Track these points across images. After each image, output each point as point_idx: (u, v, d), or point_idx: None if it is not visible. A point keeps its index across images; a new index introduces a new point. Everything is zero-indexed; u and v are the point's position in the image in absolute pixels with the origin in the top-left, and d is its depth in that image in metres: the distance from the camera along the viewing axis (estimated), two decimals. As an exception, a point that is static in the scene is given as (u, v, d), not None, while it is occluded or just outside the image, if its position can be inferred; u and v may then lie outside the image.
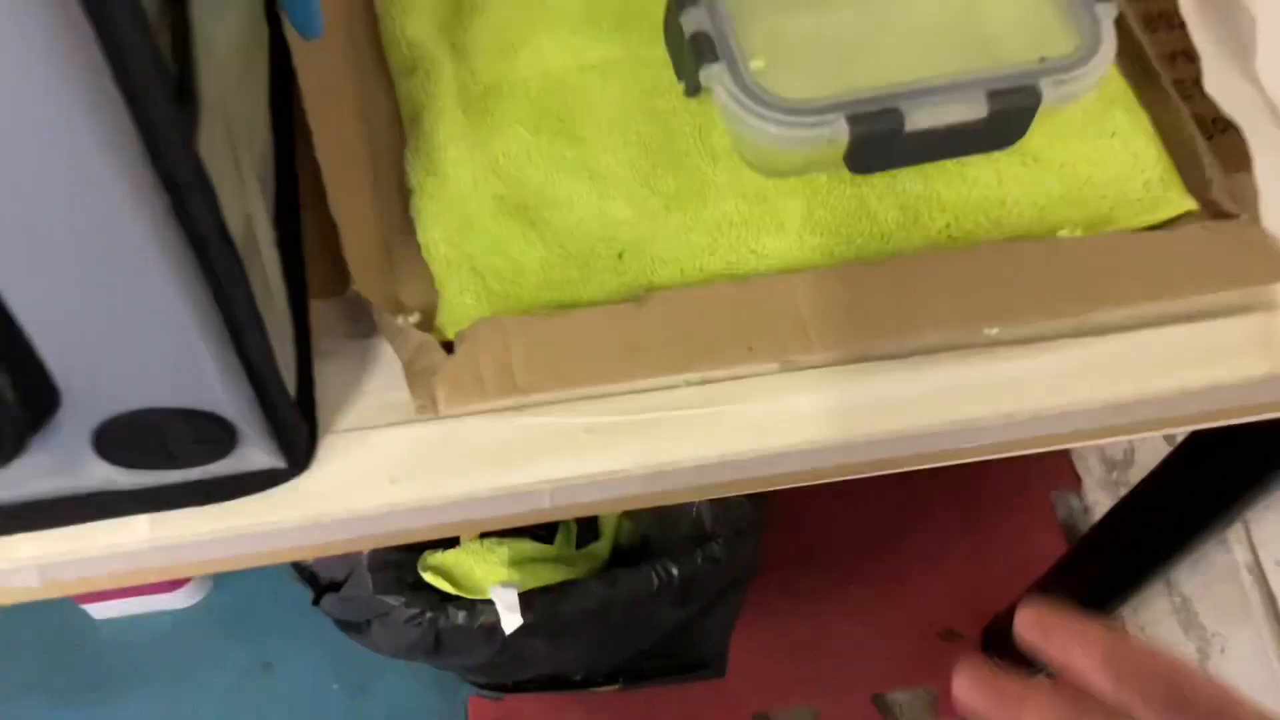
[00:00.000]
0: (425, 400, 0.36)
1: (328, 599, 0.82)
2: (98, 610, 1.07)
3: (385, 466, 0.37)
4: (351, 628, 0.85)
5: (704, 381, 0.38)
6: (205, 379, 0.31)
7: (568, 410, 0.37)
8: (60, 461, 0.32)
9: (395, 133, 0.42)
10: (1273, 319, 0.40)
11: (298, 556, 0.37)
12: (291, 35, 0.39)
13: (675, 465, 0.37)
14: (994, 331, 0.38)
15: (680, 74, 0.41)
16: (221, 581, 1.12)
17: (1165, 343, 0.39)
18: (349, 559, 0.80)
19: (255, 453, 0.35)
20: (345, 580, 0.80)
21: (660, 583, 0.79)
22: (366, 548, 0.37)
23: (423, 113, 0.42)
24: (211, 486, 0.35)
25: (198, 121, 0.28)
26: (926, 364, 0.38)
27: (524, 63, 0.43)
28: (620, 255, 0.40)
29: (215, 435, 0.33)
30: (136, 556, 0.36)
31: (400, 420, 0.37)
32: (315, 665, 1.12)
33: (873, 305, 0.38)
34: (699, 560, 0.80)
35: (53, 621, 1.09)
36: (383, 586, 0.77)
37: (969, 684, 0.30)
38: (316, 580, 0.85)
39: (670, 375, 0.37)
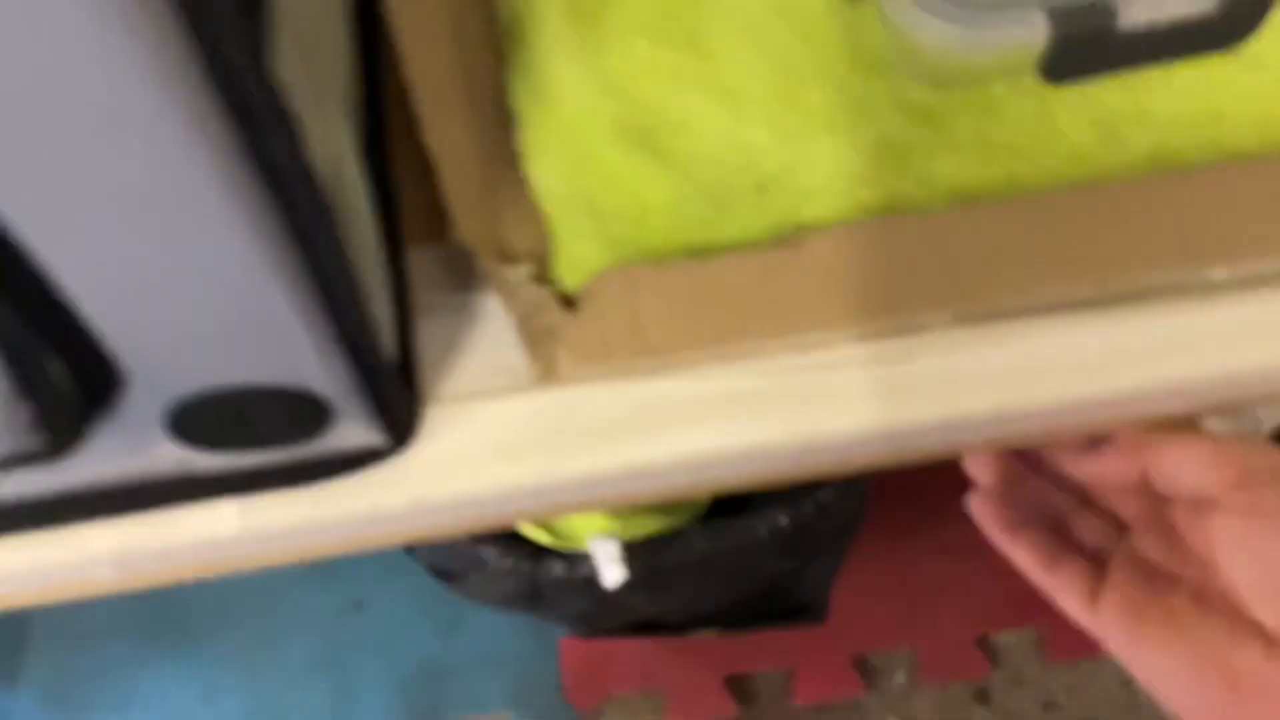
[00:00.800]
0: (545, 365, 0.31)
1: (421, 548, 0.79)
2: (187, 553, 1.06)
3: (498, 440, 0.32)
4: (446, 576, 0.82)
5: (869, 336, 0.32)
6: (291, 349, 0.26)
7: (708, 374, 0.32)
8: (129, 444, 0.28)
9: (493, 50, 0.36)
10: None
11: (401, 541, 0.33)
12: (374, -64, 0.33)
13: (833, 438, 0.32)
14: (1220, 273, 0.32)
15: (834, -30, 0.34)
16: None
17: None
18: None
19: (352, 429, 0.30)
20: (438, 529, 0.77)
21: (769, 532, 0.74)
22: (477, 530, 0.33)
23: (524, 24, 0.36)
24: (303, 468, 0.31)
25: (271, 36, 0.23)
26: (1136, 311, 0.32)
27: (647, -38, 0.37)
28: (761, 188, 0.34)
29: (306, 413, 0.28)
30: (223, 546, 0.32)
31: (514, 386, 0.32)
32: (406, 605, 1.11)
33: (1068, 241, 0.32)
34: (809, 508, 0.75)
35: (142, 564, 1.08)
36: (479, 536, 0.74)
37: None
38: (407, 526, 0.82)
39: (829, 331, 0.32)
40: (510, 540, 0.76)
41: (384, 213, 0.33)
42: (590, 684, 1.10)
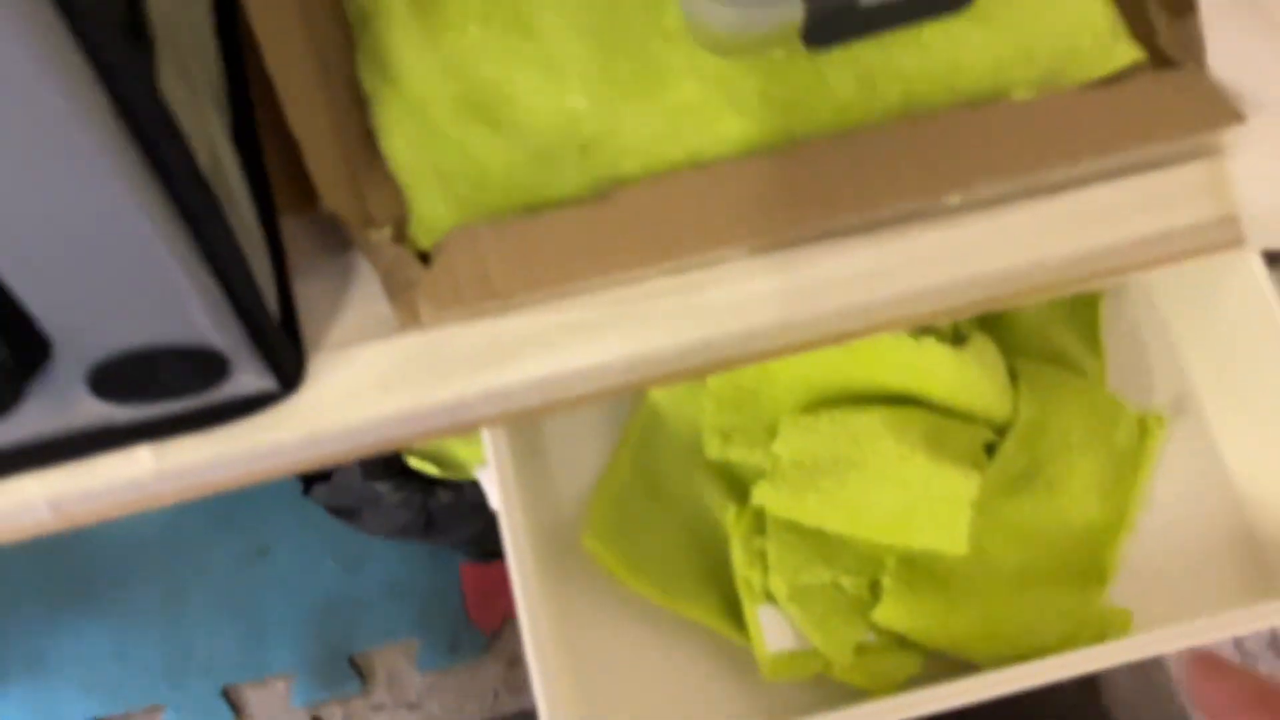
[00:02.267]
0: (407, 313, 0.37)
1: (318, 489, 0.84)
2: (88, 515, 1.09)
3: (375, 378, 0.38)
4: (343, 514, 0.87)
5: (676, 271, 0.39)
6: (191, 314, 0.31)
7: (546, 310, 0.38)
8: (56, 403, 0.33)
9: (344, 39, 0.41)
10: (1219, 164, 0.41)
11: (299, 470, 0.38)
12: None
13: (655, 353, 0.39)
14: (955, 199, 0.39)
15: (629, -41, 0.40)
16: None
17: (1118, 194, 0.41)
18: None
19: (247, 378, 0.35)
20: (334, 470, 0.82)
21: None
22: (364, 456, 0.38)
23: (370, 15, 0.41)
24: (208, 413, 0.36)
25: (155, 57, 0.28)
26: (890, 235, 0.39)
27: (467, -47, 0.42)
28: (583, 149, 0.40)
29: (206, 366, 0.34)
30: (143, 485, 0.37)
31: (385, 332, 0.38)
32: (310, 546, 1.15)
33: (834, 181, 0.39)
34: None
35: (44, 529, 1.10)
36: (372, 473, 0.79)
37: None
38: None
39: (643, 268, 0.38)
40: (402, 475, 0.81)
41: (257, 189, 0.38)
42: (491, 605, 1.16)
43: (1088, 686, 0.96)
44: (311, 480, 0.87)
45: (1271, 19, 0.42)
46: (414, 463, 0.82)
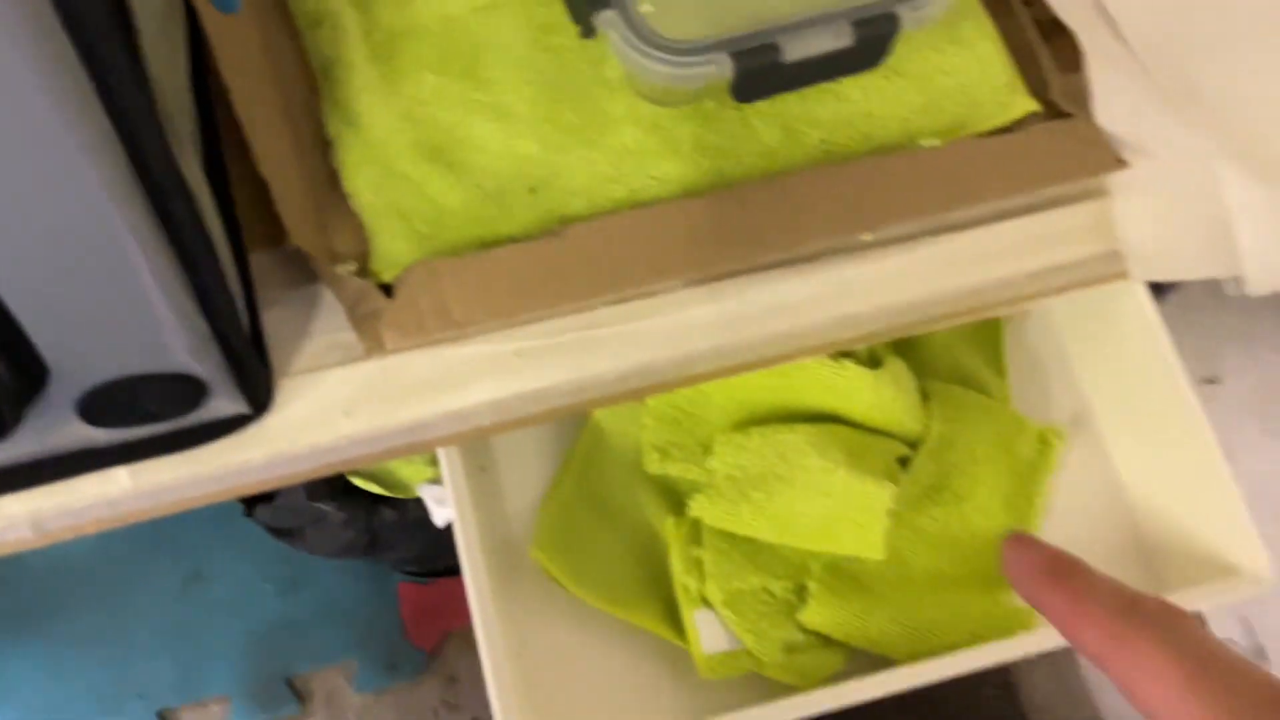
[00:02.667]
0: (372, 341, 0.40)
1: (261, 510, 0.86)
2: (22, 541, 1.08)
3: (339, 402, 0.41)
4: (285, 534, 0.89)
5: (619, 301, 0.42)
6: (180, 344, 0.34)
7: (500, 338, 0.41)
8: (46, 427, 0.36)
9: (309, 86, 0.44)
10: (1105, 205, 0.46)
11: (267, 488, 0.41)
12: (204, 7, 0.41)
13: (599, 377, 0.42)
14: (868, 236, 0.43)
15: (575, 18, 0.44)
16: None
17: (1015, 232, 0.45)
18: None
19: (222, 402, 0.38)
20: (278, 491, 0.84)
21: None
22: (328, 474, 0.41)
23: (333, 65, 0.44)
24: (183, 436, 0.39)
25: (157, 109, 0.31)
26: (811, 269, 0.44)
27: (420, 8, 0.46)
28: (533, 190, 0.43)
29: (186, 392, 0.36)
30: (119, 503, 0.39)
31: (348, 359, 0.41)
32: (246, 569, 1.16)
33: (762, 220, 0.43)
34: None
35: (-24, 556, 1.10)
36: (316, 494, 0.81)
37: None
38: (245, 493, 0.88)
39: (589, 299, 0.42)
40: (346, 495, 0.83)
41: (228, 226, 0.41)
42: (429, 624, 1.18)
43: (1008, 693, 1.01)
44: (254, 502, 0.89)
45: (1148, 75, 0.47)
46: (358, 482, 0.84)
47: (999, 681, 1.20)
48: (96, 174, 0.28)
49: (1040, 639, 0.46)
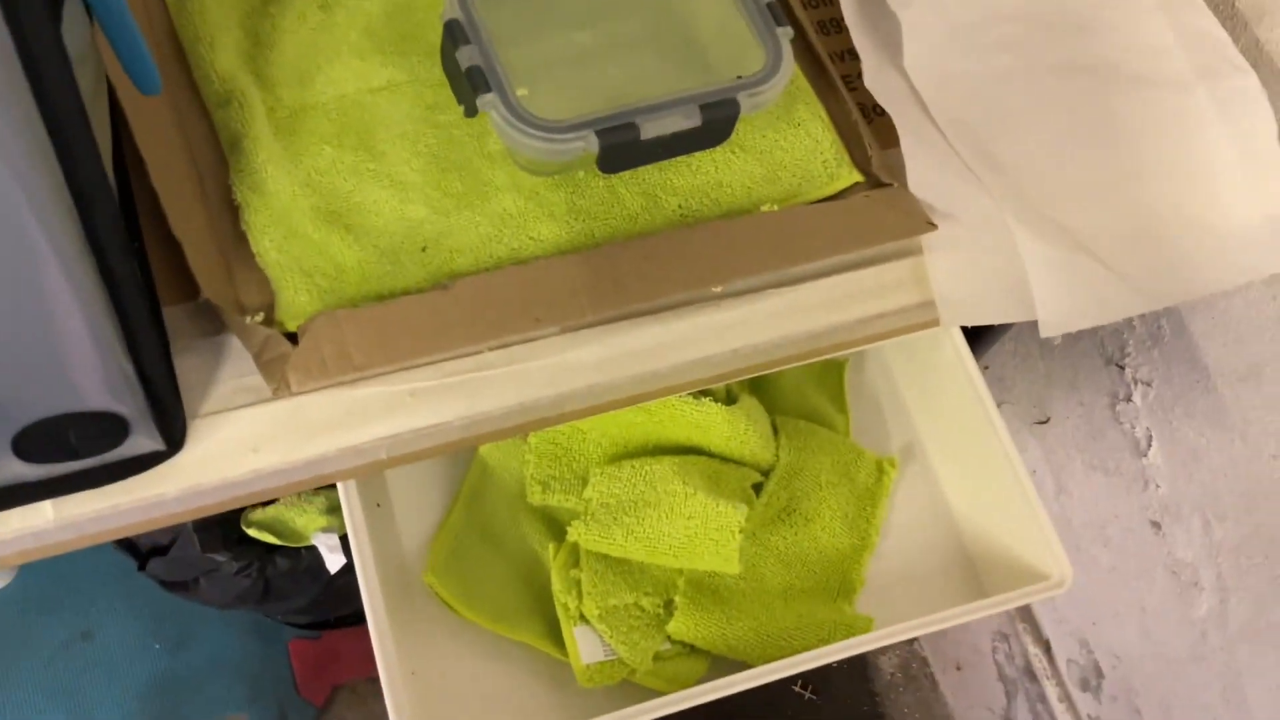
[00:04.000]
0: (278, 383, 0.45)
1: (154, 563, 0.88)
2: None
3: (247, 439, 0.45)
4: (178, 587, 0.91)
5: (502, 346, 0.48)
6: (111, 385, 0.38)
7: (395, 380, 0.47)
8: (-21, 464, 0.39)
9: (218, 157, 0.49)
10: (920, 261, 0.54)
11: (181, 520, 0.45)
12: (121, 86, 0.45)
13: (485, 414, 0.48)
14: (719, 289, 0.50)
15: (459, 99, 0.50)
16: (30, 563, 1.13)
17: (844, 285, 0.52)
18: (172, 525, 0.86)
19: (141, 440, 0.42)
20: (171, 544, 0.86)
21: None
22: (237, 507, 0.46)
23: (240, 139, 0.49)
24: (104, 471, 0.43)
25: (108, 178, 0.35)
26: (671, 317, 0.50)
27: (320, 89, 0.51)
28: (423, 249, 0.49)
29: (111, 429, 0.41)
30: (43, 535, 0.43)
31: (255, 401, 0.46)
32: (134, 628, 1.16)
33: (628, 275, 0.49)
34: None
35: None
36: (210, 545, 0.84)
37: None
38: (136, 548, 0.90)
39: (475, 344, 0.47)
40: (240, 545, 0.86)
41: (146, 283, 0.45)
42: (319, 678, 1.19)
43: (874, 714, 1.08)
44: (147, 556, 0.91)
45: (954, 151, 0.55)
46: (252, 532, 0.87)
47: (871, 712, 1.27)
48: (51, 246, 0.32)
49: (874, 639, 0.52)
